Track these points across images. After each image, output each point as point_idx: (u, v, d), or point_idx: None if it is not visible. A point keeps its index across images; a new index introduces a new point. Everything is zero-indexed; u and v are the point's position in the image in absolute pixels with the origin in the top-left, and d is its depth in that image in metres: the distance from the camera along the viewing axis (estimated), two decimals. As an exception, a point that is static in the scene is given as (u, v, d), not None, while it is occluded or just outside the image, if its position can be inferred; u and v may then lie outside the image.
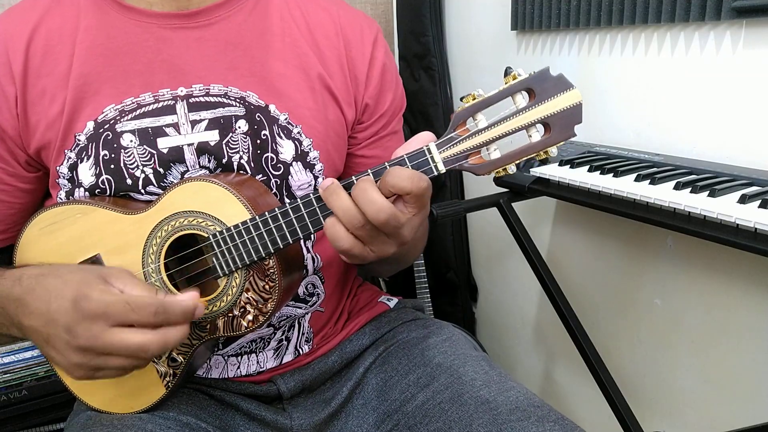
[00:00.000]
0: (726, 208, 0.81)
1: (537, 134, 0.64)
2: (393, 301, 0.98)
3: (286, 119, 0.79)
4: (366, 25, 0.86)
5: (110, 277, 0.64)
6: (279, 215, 0.68)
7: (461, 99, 0.64)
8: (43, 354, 0.68)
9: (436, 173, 0.65)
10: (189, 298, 0.65)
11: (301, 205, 0.67)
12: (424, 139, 0.65)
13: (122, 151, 0.75)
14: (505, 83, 0.63)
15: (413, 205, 0.64)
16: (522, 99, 0.63)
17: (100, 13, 0.77)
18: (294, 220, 0.67)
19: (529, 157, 0.64)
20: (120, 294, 0.62)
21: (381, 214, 0.61)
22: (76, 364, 0.64)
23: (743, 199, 0.82)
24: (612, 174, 1.00)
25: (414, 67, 1.81)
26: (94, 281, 0.63)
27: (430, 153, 0.64)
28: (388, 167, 0.64)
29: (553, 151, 0.64)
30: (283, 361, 0.87)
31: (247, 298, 0.72)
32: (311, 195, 0.66)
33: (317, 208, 0.66)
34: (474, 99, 0.63)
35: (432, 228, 1.78)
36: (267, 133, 0.78)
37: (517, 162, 0.65)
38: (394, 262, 0.82)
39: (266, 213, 0.68)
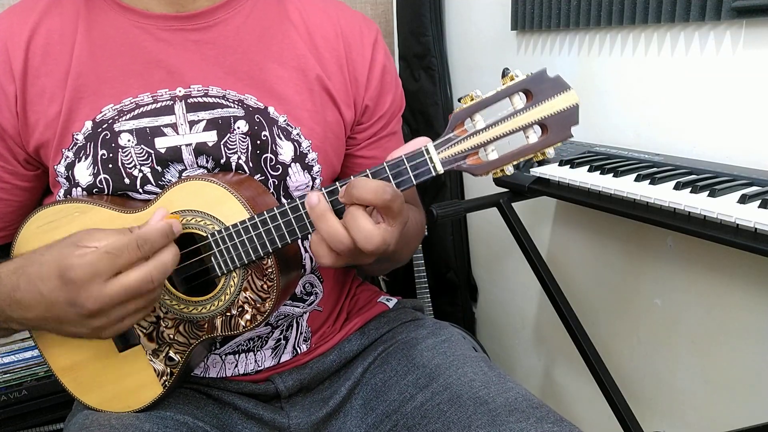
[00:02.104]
0: (726, 208, 0.81)
1: (534, 135, 0.64)
2: (392, 302, 0.97)
3: (285, 121, 0.79)
4: (365, 27, 0.86)
5: (80, 240, 0.64)
6: (278, 215, 0.68)
7: (459, 100, 0.65)
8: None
9: (434, 174, 0.65)
10: (159, 217, 0.66)
11: (299, 205, 0.67)
12: (421, 142, 0.65)
13: (120, 150, 0.75)
14: (503, 84, 0.63)
15: (385, 216, 0.63)
16: (519, 100, 0.63)
17: (99, 13, 0.77)
18: (293, 220, 0.67)
19: (526, 158, 0.65)
20: (97, 249, 0.62)
21: (369, 245, 0.62)
22: (97, 327, 0.64)
23: (743, 199, 0.82)
24: (612, 174, 1.00)
25: (414, 67, 1.81)
26: (68, 250, 0.63)
27: (428, 153, 0.64)
28: (386, 166, 0.64)
29: (550, 152, 0.64)
30: (281, 360, 0.86)
31: (245, 297, 0.72)
32: None
33: None
34: (472, 100, 0.64)
35: (432, 228, 1.80)
36: (267, 134, 0.78)
37: (515, 163, 0.65)
38: (384, 262, 0.82)
39: (265, 213, 0.68)
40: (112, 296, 0.62)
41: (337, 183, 0.65)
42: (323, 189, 0.66)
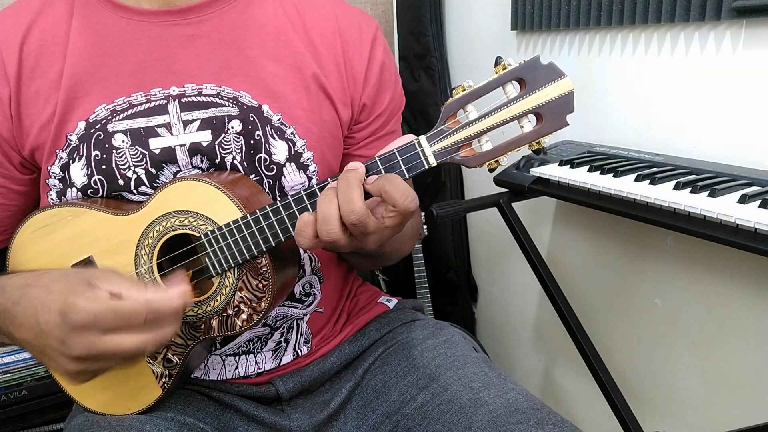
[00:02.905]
0: (726, 208, 0.81)
1: (529, 124, 0.63)
2: (392, 302, 0.97)
3: (279, 120, 0.79)
4: (364, 23, 0.85)
5: (96, 279, 0.62)
6: (270, 213, 0.67)
7: (451, 91, 0.64)
8: (39, 361, 0.67)
9: (427, 167, 0.64)
10: (178, 296, 0.63)
11: (292, 202, 0.66)
12: (412, 137, 0.65)
13: (114, 151, 0.75)
14: (495, 73, 0.62)
15: (393, 218, 0.63)
16: (513, 89, 0.62)
17: (92, 12, 0.77)
18: (285, 217, 0.67)
19: (520, 147, 0.63)
20: (108, 301, 0.60)
21: (351, 216, 0.61)
22: (74, 372, 0.63)
23: (743, 199, 0.82)
24: (612, 174, 1.00)
25: (414, 67, 1.80)
26: (79, 288, 0.61)
27: (420, 146, 0.63)
28: (377, 160, 0.64)
29: (546, 141, 0.63)
30: (282, 363, 0.86)
31: (241, 297, 0.72)
32: (302, 192, 0.66)
33: (308, 206, 0.66)
34: (464, 90, 0.62)
35: (432, 228, 1.80)
36: (260, 133, 0.78)
37: (509, 154, 0.64)
38: (368, 257, 0.82)
39: (257, 211, 0.68)
40: (101, 351, 0.60)
41: (329, 179, 0.65)
42: (316, 186, 0.66)
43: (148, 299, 0.61)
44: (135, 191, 0.76)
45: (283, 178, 0.80)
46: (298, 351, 0.87)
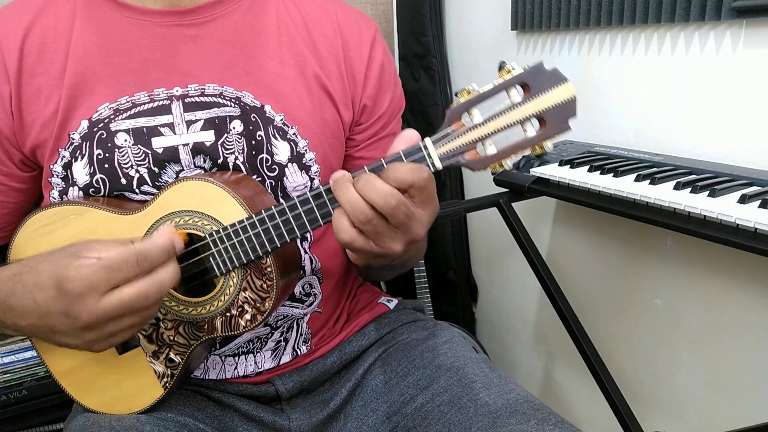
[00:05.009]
0: (726, 208, 0.81)
1: (532, 129, 0.63)
2: (393, 302, 0.97)
3: (281, 120, 0.79)
4: (364, 24, 0.85)
5: (80, 251, 0.63)
6: (275, 214, 0.67)
7: (456, 94, 0.64)
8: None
9: (432, 170, 0.64)
10: (163, 235, 0.64)
11: (297, 203, 0.66)
12: (410, 136, 0.64)
13: (116, 150, 0.75)
14: (499, 77, 0.63)
15: (418, 198, 0.62)
16: (517, 93, 0.63)
17: (95, 10, 0.77)
18: (291, 218, 0.67)
19: (524, 151, 0.64)
20: (96, 261, 0.61)
21: (391, 200, 0.59)
22: (90, 340, 0.64)
23: (743, 199, 0.82)
24: (612, 174, 1.00)
25: (414, 67, 1.81)
26: (67, 261, 0.62)
27: (426, 149, 0.64)
28: (384, 164, 0.64)
29: (549, 145, 0.63)
30: (281, 362, 0.86)
31: (245, 297, 0.72)
32: (308, 193, 0.66)
33: (314, 207, 0.66)
34: (468, 94, 0.63)
35: (432, 228, 1.79)
36: (262, 134, 0.78)
37: (514, 159, 0.64)
38: (397, 266, 0.82)
39: (263, 212, 0.68)
40: (107, 310, 0.61)
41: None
42: (322, 187, 0.65)
43: (134, 245, 0.62)
44: (137, 191, 0.76)
45: (285, 178, 0.80)
46: (297, 350, 0.87)
